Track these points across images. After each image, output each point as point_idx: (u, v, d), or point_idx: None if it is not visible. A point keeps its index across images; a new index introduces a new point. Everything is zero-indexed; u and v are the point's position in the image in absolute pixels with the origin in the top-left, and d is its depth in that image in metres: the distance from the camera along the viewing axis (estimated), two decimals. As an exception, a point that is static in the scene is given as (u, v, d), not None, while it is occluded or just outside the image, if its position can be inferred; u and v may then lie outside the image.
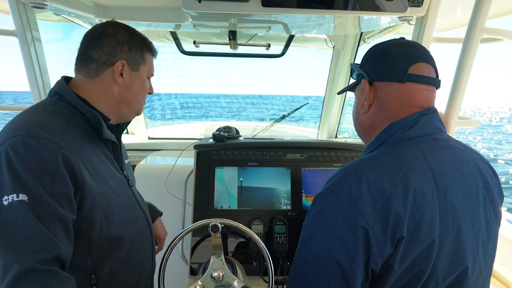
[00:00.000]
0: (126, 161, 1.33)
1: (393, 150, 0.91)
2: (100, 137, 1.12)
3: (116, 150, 1.20)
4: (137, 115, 1.27)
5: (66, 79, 1.13)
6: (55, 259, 0.88)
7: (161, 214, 1.59)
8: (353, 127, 1.13)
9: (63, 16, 1.89)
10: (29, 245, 0.86)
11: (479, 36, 1.37)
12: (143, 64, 1.19)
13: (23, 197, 0.87)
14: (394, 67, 0.94)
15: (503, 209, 2.27)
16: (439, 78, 0.98)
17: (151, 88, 1.27)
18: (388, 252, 0.80)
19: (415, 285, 0.83)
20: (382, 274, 0.82)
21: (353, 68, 1.08)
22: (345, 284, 0.80)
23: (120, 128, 1.26)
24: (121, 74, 1.13)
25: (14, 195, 0.86)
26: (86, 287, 1.04)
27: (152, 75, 1.27)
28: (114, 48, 1.11)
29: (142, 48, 1.18)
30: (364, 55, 1.04)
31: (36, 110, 1.06)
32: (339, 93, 1.22)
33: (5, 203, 0.86)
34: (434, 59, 0.98)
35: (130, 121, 1.29)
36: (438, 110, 0.97)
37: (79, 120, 1.08)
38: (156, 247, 1.52)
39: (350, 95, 2.59)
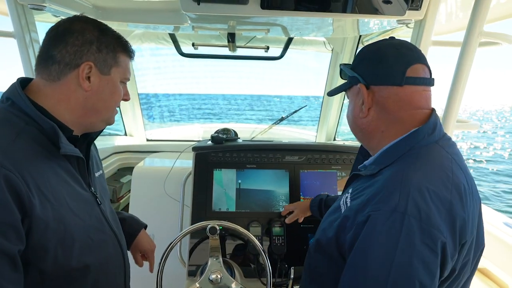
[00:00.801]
0: (97, 174, 1.15)
1: (429, 156, 0.89)
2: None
3: (82, 164, 1.02)
4: (108, 125, 1.10)
5: (24, 82, 0.97)
6: None
7: (145, 226, 1.47)
8: None
9: (61, 18, 1.89)
10: None
11: (477, 40, 1.38)
12: (116, 66, 1.02)
13: None
14: (391, 71, 0.93)
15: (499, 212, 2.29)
16: (433, 77, 0.98)
17: (126, 94, 1.10)
18: (455, 258, 0.82)
19: (456, 278, 0.86)
20: (445, 278, 0.83)
21: (343, 69, 1.05)
22: None
23: (90, 136, 1.10)
24: (88, 78, 0.96)
25: None
26: None
27: (128, 79, 1.09)
28: (80, 47, 0.95)
29: (115, 48, 1.01)
30: (356, 57, 1.02)
31: None
32: (329, 94, 1.16)
33: None
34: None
35: (102, 130, 1.12)
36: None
37: (34, 131, 0.89)
38: (147, 262, 1.45)
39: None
